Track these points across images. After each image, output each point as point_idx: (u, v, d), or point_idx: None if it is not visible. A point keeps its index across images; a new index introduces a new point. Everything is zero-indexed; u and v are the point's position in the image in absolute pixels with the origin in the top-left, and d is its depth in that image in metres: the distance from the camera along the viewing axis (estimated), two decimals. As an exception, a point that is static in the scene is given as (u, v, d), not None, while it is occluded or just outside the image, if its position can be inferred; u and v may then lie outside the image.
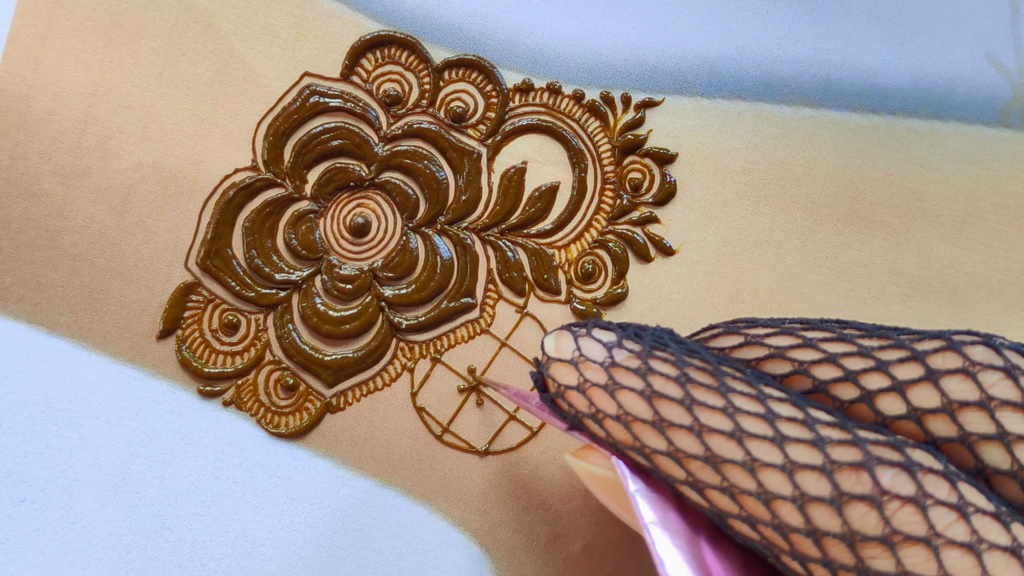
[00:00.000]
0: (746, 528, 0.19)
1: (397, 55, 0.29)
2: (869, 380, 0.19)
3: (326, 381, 0.29)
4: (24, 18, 0.28)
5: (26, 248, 0.28)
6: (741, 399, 0.19)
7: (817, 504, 0.18)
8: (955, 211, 0.29)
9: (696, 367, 0.20)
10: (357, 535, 0.28)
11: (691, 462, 0.19)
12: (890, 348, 0.20)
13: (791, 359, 0.20)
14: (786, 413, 0.19)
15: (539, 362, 0.22)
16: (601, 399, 0.20)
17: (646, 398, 0.20)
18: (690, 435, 0.19)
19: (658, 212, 0.29)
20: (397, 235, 0.29)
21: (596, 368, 0.21)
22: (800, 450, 0.18)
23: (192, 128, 0.29)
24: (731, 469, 0.19)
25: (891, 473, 0.17)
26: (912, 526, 0.17)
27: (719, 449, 0.19)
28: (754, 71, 0.29)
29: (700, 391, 0.19)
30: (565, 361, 0.21)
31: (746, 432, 0.19)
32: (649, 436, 0.20)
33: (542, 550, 0.28)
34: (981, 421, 0.18)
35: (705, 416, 0.19)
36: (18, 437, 0.28)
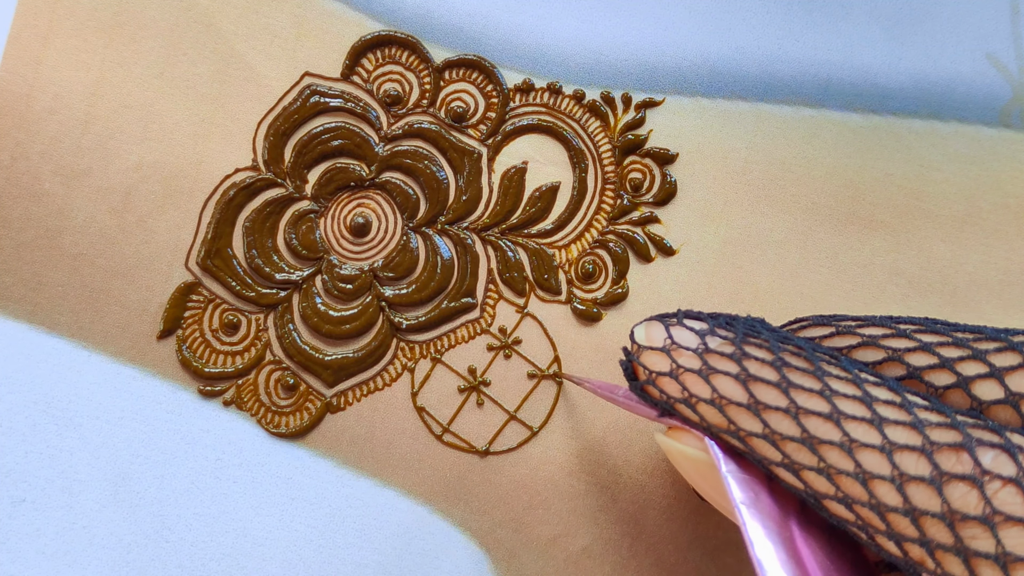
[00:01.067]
0: (842, 509, 0.19)
1: (398, 55, 0.29)
2: (966, 367, 0.19)
3: (326, 381, 0.29)
4: (25, 18, 0.28)
5: (26, 248, 0.28)
6: (837, 382, 0.19)
7: (916, 484, 0.18)
8: (955, 211, 0.29)
9: (791, 352, 0.20)
10: (357, 535, 0.28)
11: (787, 444, 0.19)
12: (984, 340, 0.20)
13: (884, 347, 0.20)
14: (883, 396, 0.19)
15: (628, 351, 0.22)
16: (695, 384, 0.20)
17: (741, 381, 0.20)
18: (786, 417, 0.19)
19: (658, 212, 0.29)
20: (397, 235, 0.29)
21: (689, 355, 0.21)
22: (899, 431, 0.18)
23: (192, 128, 0.29)
24: (829, 450, 0.19)
25: (992, 454, 0.17)
26: (1014, 507, 0.17)
27: (816, 430, 0.19)
28: (754, 71, 0.29)
29: (796, 374, 0.20)
30: (657, 349, 0.21)
31: (844, 414, 0.19)
32: (744, 419, 0.20)
33: (542, 550, 0.28)
34: None
35: (802, 398, 0.19)
36: (18, 437, 0.28)
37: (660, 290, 0.29)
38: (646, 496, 0.28)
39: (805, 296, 0.29)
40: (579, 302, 0.29)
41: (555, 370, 0.29)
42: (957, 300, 0.28)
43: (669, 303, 0.29)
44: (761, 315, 0.28)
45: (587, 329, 0.29)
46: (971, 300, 0.28)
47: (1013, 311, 0.28)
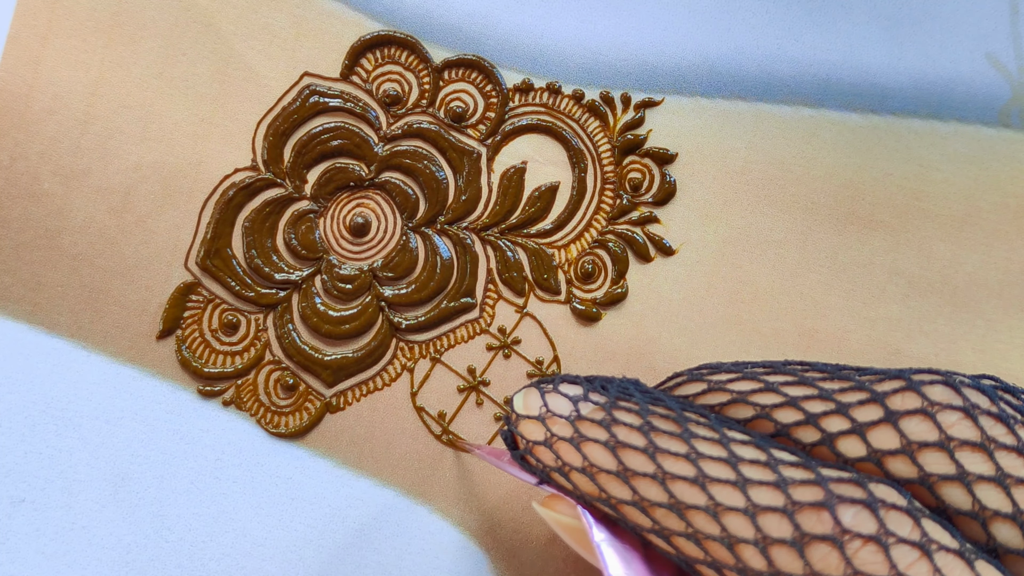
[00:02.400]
0: (712, 573, 0.19)
1: (397, 55, 0.29)
2: (830, 423, 0.19)
3: (326, 381, 0.29)
4: (24, 18, 0.28)
5: (26, 248, 0.28)
6: (704, 444, 0.19)
7: (779, 546, 0.18)
8: (955, 211, 0.29)
9: (660, 415, 0.20)
10: (357, 535, 0.28)
11: (656, 510, 0.19)
12: (851, 390, 0.20)
13: (753, 403, 0.20)
14: (749, 456, 0.19)
15: (508, 419, 0.22)
16: (567, 452, 0.20)
17: (610, 448, 0.20)
18: (654, 483, 0.19)
19: (658, 212, 0.29)
20: (397, 235, 0.29)
21: (562, 423, 0.21)
22: (763, 492, 0.18)
23: (192, 128, 0.29)
24: (695, 515, 0.19)
25: (853, 511, 0.17)
26: (874, 566, 0.17)
27: (683, 495, 0.19)
28: (754, 71, 0.29)
29: (663, 439, 0.20)
30: (532, 418, 0.21)
31: (709, 477, 0.19)
32: (614, 486, 0.20)
33: (542, 549, 0.28)
34: (941, 462, 0.18)
35: (668, 463, 0.19)
36: (18, 437, 0.28)
37: (659, 290, 0.29)
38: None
39: (804, 296, 0.29)
40: (578, 302, 0.29)
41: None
42: (957, 300, 0.28)
43: (668, 303, 0.29)
44: (760, 315, 0.29)
45: (586, 329, 0.29)
46: (971, 300, 0.28)
47: (1013, 311, 0.28)
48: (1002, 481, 0.18)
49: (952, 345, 0.28)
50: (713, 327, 0.28)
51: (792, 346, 0.28)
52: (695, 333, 0.29)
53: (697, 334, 0.29)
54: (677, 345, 0.29)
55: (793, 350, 0.28)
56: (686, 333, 0.29)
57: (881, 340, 0.28)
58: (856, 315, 0.28)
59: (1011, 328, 0.28)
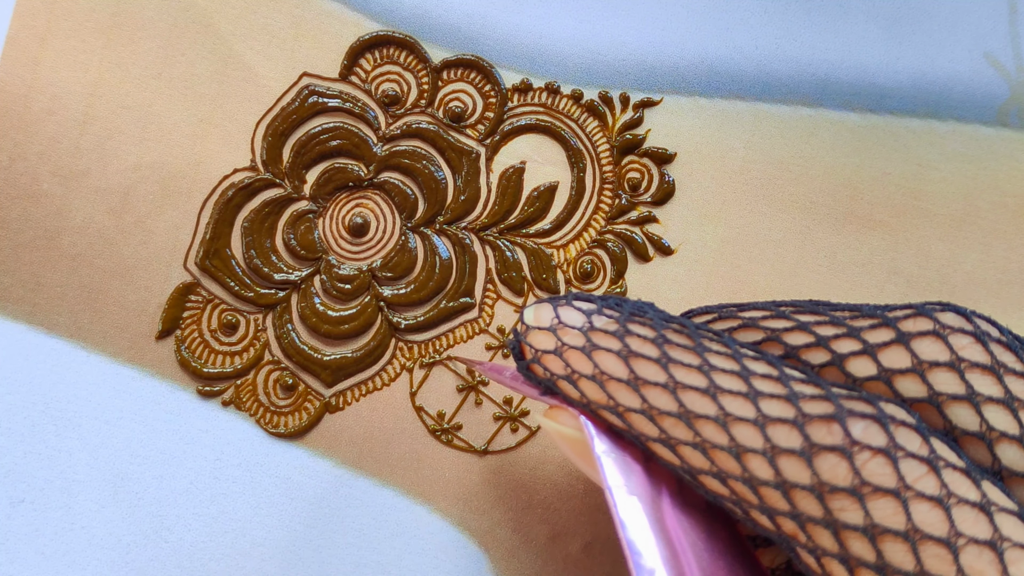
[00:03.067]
0: (716, 484, 0.19)
1: (396, 55, 0.29)
2: (840, 344, 0.19)
3: (325, 381, 0.29)
4: (23, 19, 0.28)
5: (25, 248, 0.28)
6: (717, 358, 0.19)
7: (788, 456, 0.18)
8: (953, 210, 0.29)
9: (673, 330, 0.20)
10: (357, 535, 0.28)
11: (665, 419, 0.19)
12: (862, 317, 0.20)
13: (763, 327, 0.20)
14: (761, 371, 0.19)
15: (516, 331, 0.22)
16: (577, 360, 0.20)
17: (623, 357, 0.20)
18: (664, 392, 0.19)
19: (656, 212, 0.29)
20: (396, 235, 0.29)
21: (574, 333, 0.21)
22: (773, 404, 0.18)
23: (191, 128, 0.29)
24: (704, 424, 0.19)
25: (863, 424, 0.17)
26: (882, 477, 0.17)
27: (693, 405, 0.19)
28: (752, 71, 0.29)
29: (676, 351, 0.20)
30: (544, 328, 0.21)
31: (720, 388, 0.19)
32: (624, 395, 0.20)
33: (541, 549, 0.28)
34: (951, 382, 0.18)
35: (680, 374, 0.19)
36: (17, 437, 0.28)
37: (658, 290, 0.29)
38: (645, 495, 0.28)
39: (803, 295, 0.29)
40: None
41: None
42: (955, 299, 0.28)
43: (668, 302, 0.29)
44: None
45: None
46: (969, 299, 0.28)
47: (1011, 310, 0.28)
48: (1010, 404, 0.18)
49: (951, 344, 0.28)
50: (712, 326, 0.29)
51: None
52: (694, 332, 0.29)
53: (696, 333, 0.29)
54: (676, 344, 0.29)
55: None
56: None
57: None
58: (855, 314, 0.28)
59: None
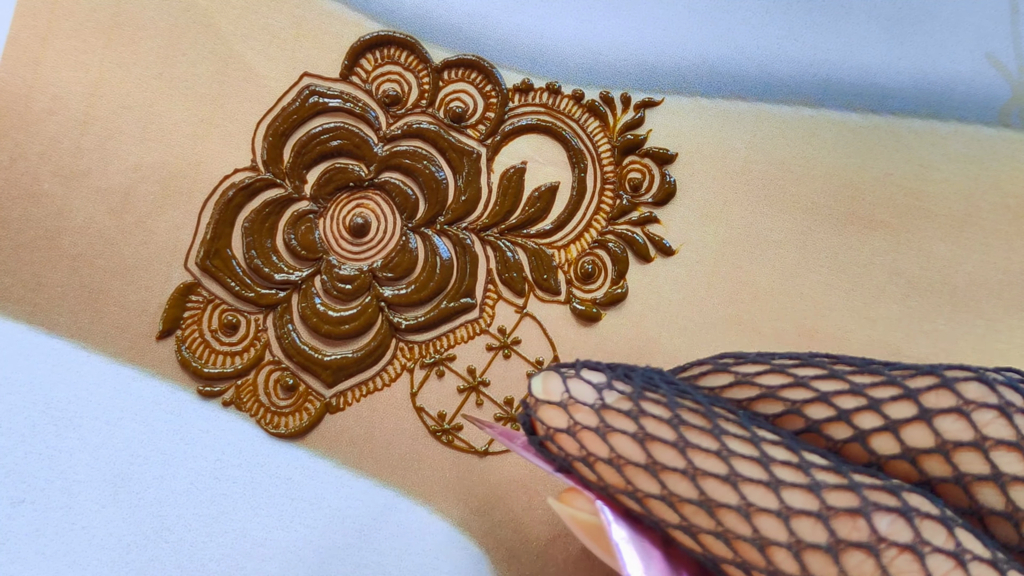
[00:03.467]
0: (740, 574, 0.18)
1: (396, 55, 0.29)
2: (862, 419, 0.19)
3: (326, 381, 0.29)
4: (24, 18, 0.28)
5: (26, 248, 0.28)
6: (735, 442, 0.19)
7: (813, 551, 0.17)
8: (955, 211, 0.29)
9: (688, 408, 0.20)
10: (357, 535, 0.28)
11: (685, 506, 0.19)
12: (882, 385, 0.19)
13: (783, 398, 0.20)
14: (781, 456, 0.19)
15: (527, 404, 0.21)
16: (592, 442, 0.20)
17: (639, 441, 0.19)
18: (684, 479, 0.19)
19: (658, 212, 0.29)
20: (396, 235, 0.29)
21: (586, 410, 0.20)
22: (796, 495, 0.18)
23: (191, 128, 0.29)
24: (726, 514, 0.18)
25: (888, 519, 0.17)
26: (910, 575, 0.17)
27: (714, 493, 0.18)
28: (754, 71, 0.29)
29: (693, 433, 0.19)
30: (554, 403, 0.20)
31: (741, 476, 0.18)
32: (642, 480, 0.19)
33: (542, 550, 0.28)
34: (976, 461, 0.18)
35: (699, 459, 0.19)
36: (18, 437, 0.28)
37: (659, 290, 0.29)
38: (645, 496, 0.28)
39: (804, 296, 0.29)
40: (578, 302, 0.29)
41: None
42: (957, 300, 0.28)
43: (668, 303, 0.29)
44: (761, 315, 0.28)
45: (586, 329, 0.29)
46: (971, 300, 0.28)
47: (1013, 311, 0.28)
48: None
49: (952, 345, 0.28)
50: (713, 327, 0.28)
51: (792, 346, 0.28)
52: (695, 333, 0.29)
53: (697, 334, 0.29)
54: (677, 345, 0.28)
55: (793, 350, 0.28)
56: (686, 333, 0.29)
57: (881, 340, 0.28)
58: (856, 315, 0.28)
59: (1011, 328, 0.28)
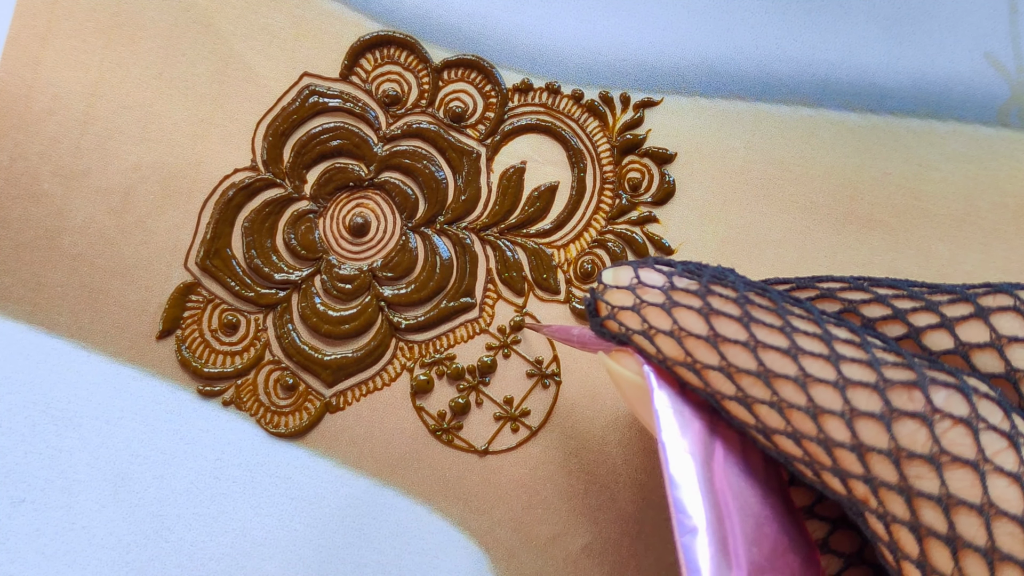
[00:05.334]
0: (790, 444, 0.19)
1: (396, 55, 0.29)
2: (917, 318, 0.19)
3: (326, 381, 0.29)
4: (23, 19, 0.28)
5: (26, 248, 0.28)
6: (799, 320, 0.19)
7: (866, 419, 0.17)
8: (953, 210, 0.29)
9: (756, 293, 0.20)
10: (357, 535, 0.28)
11: (743, 377, 0.19)
12: (939, 292, 0.20)
13: (841, 299, 0.20)
14: (843, 336, 0.19)
15: (593, 290, 0.21)
16: (656, 316, 0.20)
17: (703, 315, 0.20)
18: (744, 350, 0.19)
19: (657, 212, 0.29)
20: (396, 235, 0.29)
21: (655, 292, 0.20)
22: (854, 368, 0.18)
23: (191, 128, 0.29)
24: (783, 384, 0.18)
25: (945, 393, 0.17)
26: (961, 448, 0.17)
27: (773, 364, 0.19)
28: (753, 71, 0.29)
29: (759, 311, 0.19)
30: (623, 287, 0.21)
31: (802, 349, 0.19)
32: (702, 351, 0.19)
33: (542, 550, 0.28)
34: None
35: (762, 333, 0.19)
36: (18, 437, 0.28)
37: (659, 290, 0.29)
38: (646, 496, 0.28)
39: (804, 295, 0.29)
40: (578, 302, 0.29)
41: (553, 370, 0.29)
42: (956, 299, 0.28)
43: (668, 303, 0.29)
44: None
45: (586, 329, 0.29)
46: (970, 299, 0.28)
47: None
48: None
49: (951, 344, 0.28)
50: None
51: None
52: (694, 332, 0.29)
53: (696, 333, 0.29)
54: (676, 344, 0.28)
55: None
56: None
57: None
58: (855, 314, 0.28)
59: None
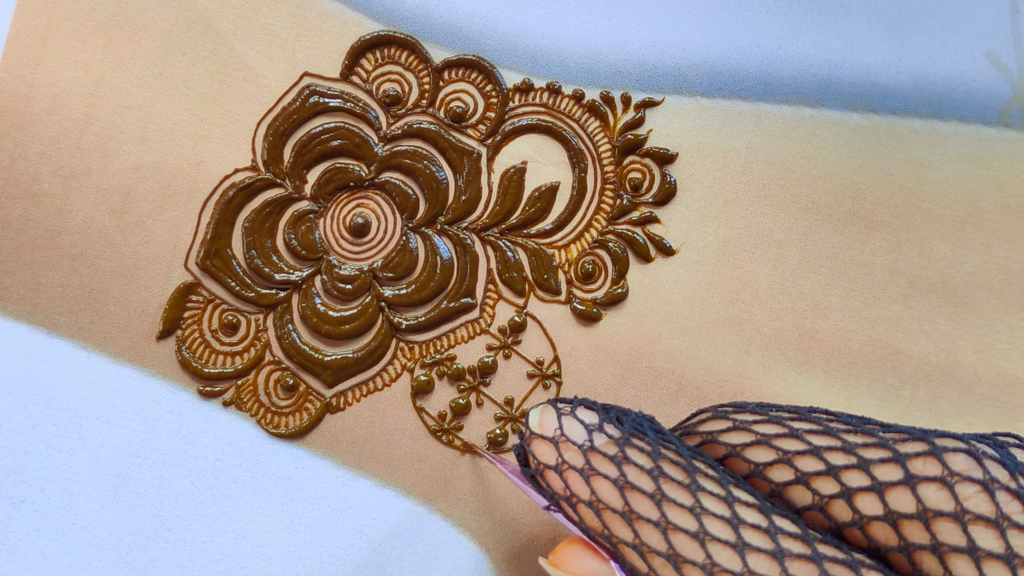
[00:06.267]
0: None
1: (397, 55, 0.29)
2: (850, 477, 0.20)
3: (326, 381, 0.29)
4: (24, 18, 0.28)
5: (26, 248, 0.28)
6: (709, 500, 0.20)
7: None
8: (955, 211, 0.29)
9: (670, 460, 0.21)
10: (357, 535, 0.28)
11: (655, 558, 0.20)
12: (873, 447, 0.20)
13: (776, 447, 0.21)
14: (751, 520, 0.19)
15: (522, 435, 0.23)
16: (576, 483, 0.21)
17: (619, 487, 0.20)
18: (656, 531, 0.20)
19: (658, 212, 0.29)
20: (397, 235, 0.29)
21: (574, 450, 0.21)
22: (760, 560, 0.19)
23: (192, 128, 0.29)
24: (691, 570, 0.19)
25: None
26: None
27: (682, 549, 0.19)
28: (754, 71, 0.29)
29: (671, 487, 0.20)
30: (546, 439, 0.22)
31: (710, 535, 0.19)
32: (618, 526, 0.20)
33: (542, 550, 0.28)
34: (954, 533, 0.19)
35: (673, 513, 0.20)
36: (18, 437, 0.28)
37: (660, 290, 0.29)
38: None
39: (805, 296, 0.29)
40: (579, 302, 0.29)
41: (554, 370, 0.29)
42: (957, 300, 0.28)
43: (669, 303, 0.29)
44: (760, 315, 0.28)
45: (587, 329, 0.29)
46: (971, 300, 0.28)
47: (1013, 311, 0.28)
48: (1010, 560, 0.18)
49: (952, 345, 0.28)
50: (713, 327, 0.28)
51: (792, 346, 0.28)
52: (695, 333, 0.29)
53: (697, 334, 0.29)
54: (677, 345, 0.28)
55: (794, 350, 0.28)
56: (686, 333, 0.29)
57: (881, 340, 0.28)
58: (857, 315, 0.28)
59: (1011, 328, 0.28)
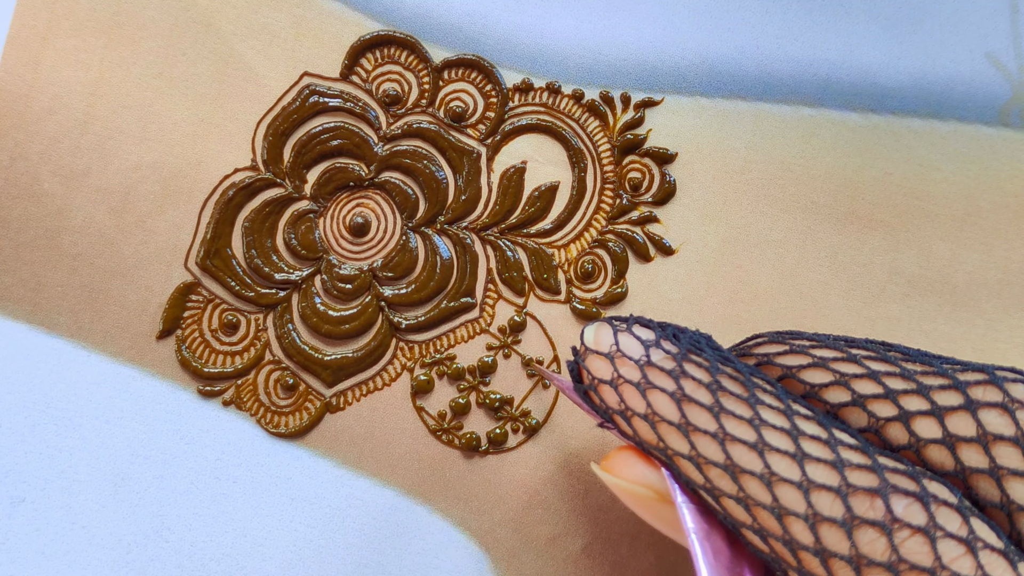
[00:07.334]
0: (757, 540, 0.19)
1: (396, 55, 0.29)
2: (908, 401, 0.20)
3: (326, 381, 0.29)
4: (23, 18, 0.28)
5: (26, 248, 0.28)
6: (769, 412, 0.20)
7: (829, 525, 0.18)
8: (955, 210, 0.29)
9: (728, 375, 0.20)
10: (357, 535, 0.28)
11: (711, 468, 0.20)
12: (932, 374, 0.20)
13: (833, 370, 0.21)
14: (810, 431, 0.19)
15: (576, 351, 0.22)
16: (632, 397, 0.21)
17: (676, 400, 0.20)
18: (714, 442, 0.20)
19: (658, 212, 0.29)
20: (397, 235, 0.29)
21: (631, 365, 0.21)
22: (819, 469, 0.19)
23: (192, 128, 0.29)
24: (749, 480, 0.19)
25: (905, 502, 0.18)
26: (919, 556, 0.17)
27: (740, 459, 0.19)
28: (753, 70, 0.29)
29: (729, 400, 0.20)
30: (602, 354, 0.21)
31: (768, 445, 0.19)
32: (673, 438, 0.20)
33: (542, 550, 0.28)
34: (1013, 456, 0.19)
35: (731, 425, 0.20)
36: (18, 437, 0.28)
37: (659, 290, 0.29)
38: (645, 496, 0.28)
39: (804, 296, 0.29)
40: (578, 302, 0.29)
41: (554, 370, 0.29)
42: (957, 299, 0.28)
43: (668, 302, 0.29)
44: (759, 314, 0.28)
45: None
46: (971, 299, 0.28)
47: (1013, 310, 0.28)
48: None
49: (952, 344, 0.28)
50: (713, 327, 0.28)
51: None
52: (695, 333, 0.29)
53: (697, 334, 0.29)
54: (677, 345, 0.28)
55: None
56: (686, 333, 0.29)
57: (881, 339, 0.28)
58: (856, 314, 0.28)
59: (1011, 327, 0.28)
